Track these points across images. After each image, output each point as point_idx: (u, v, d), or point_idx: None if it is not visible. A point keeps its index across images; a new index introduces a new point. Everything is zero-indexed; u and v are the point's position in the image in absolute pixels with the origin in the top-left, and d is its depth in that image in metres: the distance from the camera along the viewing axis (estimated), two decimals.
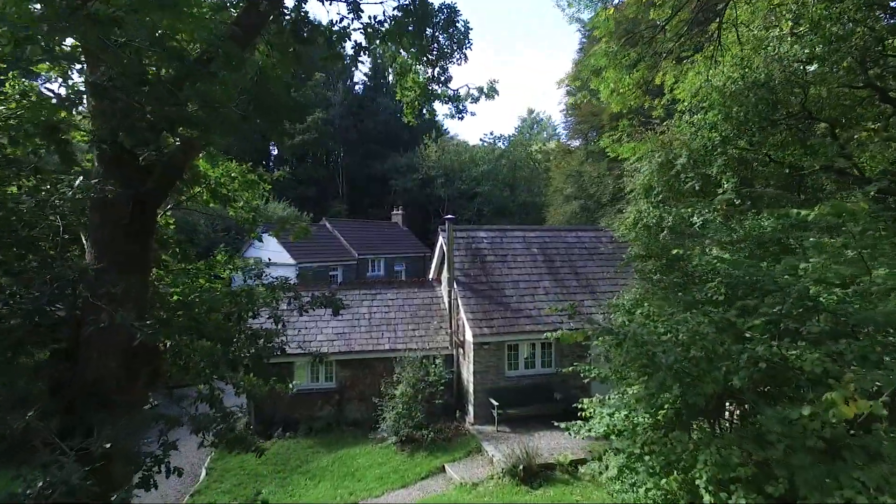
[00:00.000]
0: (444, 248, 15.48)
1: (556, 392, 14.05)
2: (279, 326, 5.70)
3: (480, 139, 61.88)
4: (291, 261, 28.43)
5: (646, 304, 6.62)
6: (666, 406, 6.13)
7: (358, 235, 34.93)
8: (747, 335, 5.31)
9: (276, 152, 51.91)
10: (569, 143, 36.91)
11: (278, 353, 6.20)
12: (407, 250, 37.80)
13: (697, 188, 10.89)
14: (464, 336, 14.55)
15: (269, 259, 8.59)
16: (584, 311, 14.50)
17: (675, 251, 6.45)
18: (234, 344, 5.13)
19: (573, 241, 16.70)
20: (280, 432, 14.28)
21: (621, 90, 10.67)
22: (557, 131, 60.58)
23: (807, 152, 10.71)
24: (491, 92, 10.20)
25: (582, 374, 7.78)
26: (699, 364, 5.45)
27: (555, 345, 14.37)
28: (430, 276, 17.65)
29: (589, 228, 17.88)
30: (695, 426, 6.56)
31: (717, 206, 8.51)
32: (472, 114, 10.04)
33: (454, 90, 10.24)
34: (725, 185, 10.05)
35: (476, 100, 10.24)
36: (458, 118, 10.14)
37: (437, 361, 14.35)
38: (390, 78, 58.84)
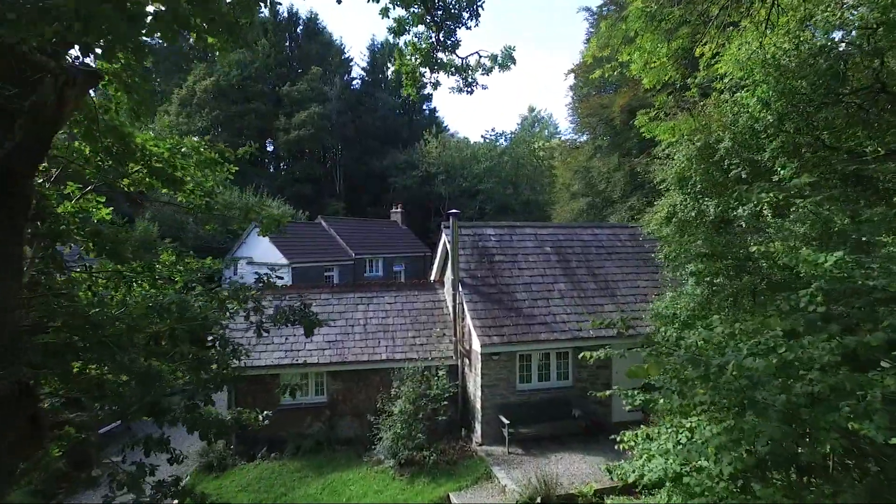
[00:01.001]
0: (448, 247, 13.97)
1: (573, 408, 12.53)
2: (228, 350, 4.18)
3: (482, 136, 60.35)
4: (284, 260, 26.91)
5: (716, 318, 5.10)
6: (744, 451, 4.65)
7: (355, 234, 33.42)
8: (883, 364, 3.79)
9: (271, 148, 50.38)
10: (576, 137, 35.41)
11: (234, 377, 4.70)
12: (406, 250, 36.28)
13: (744, 176, 9.38)
14: (470, 345, 13.03)
15: (227, 262, 6.99)
16: (605, 318, 13.00)
17: (754, 248, 4.97)
18: (161, 379, 3.62)
19: (589, 239, 15.19)
20: (264, 452, 12.74)
21: (655, 63, 9.16)
22: (559, 129, 59.11)
23: (870, 135, 9.22)
24: (506, 61, 8.65)
25: (626, 403, 6.24)
26: (799, 402, 3.96)
27: (571, 355, 12.86)
28: (432, 278, 16.14)
29: (605, 226, 16.36)
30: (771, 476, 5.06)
31: (794, 190, 6.98)
32: (484, 87, 8.51)
33: (462, 58, 8.69)
34: (782, 172, 8.53)
35: (488, 70, 8.68)
36: (467, 92, 8.60)
37: (441, 373, 12.83)
38: (389, 73, 57.31)
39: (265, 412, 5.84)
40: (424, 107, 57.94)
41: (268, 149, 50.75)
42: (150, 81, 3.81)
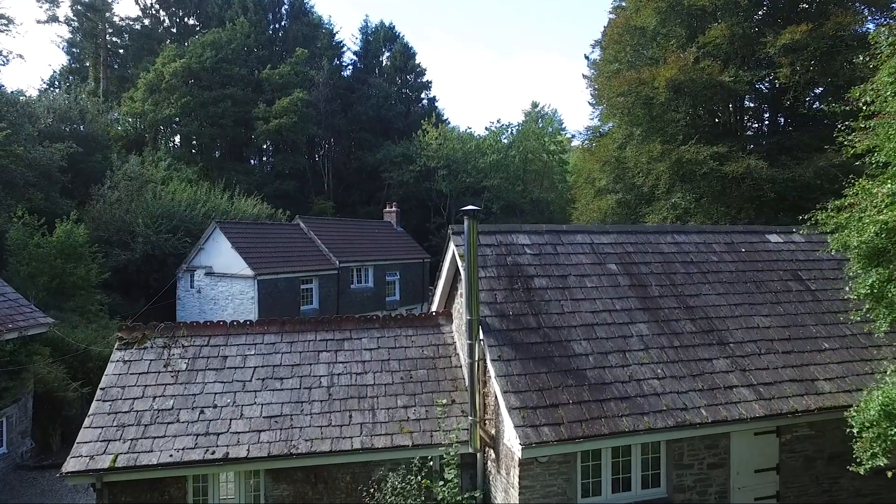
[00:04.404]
0: (460, 264, 8.87)
1: None
2: None
3: (486, 128, 55.06)
4: (249, 272, 21.76)
5: None
6: None
7: (340, 238, 28.25)
8: None
9: (253, 138, 45.09)
10: (598, 124, 30.25)
11: None
12: (402, 255, 31.14)
13: None
14: (498, 429, 7.94)
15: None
16: (718, 384, 7.90)
17: None
18: None
19: (671, 250, 10.09)
20: None
21: None
22: (564, 126, 53.67)
23: None
24: None
25: None
26: None
27: (665, 447, 7.77)
28: (434, 307, 11.02)
29: (691, 230, 11.15)
30: None
31: None
32: None
33: None
34: None
35: None
36: None
37: (449, 473, 7.76)
38: (384, 58, 52.18)
39: None
40: (423, 95, 52.79)
41: (252, 138, 45.49)
42: None
